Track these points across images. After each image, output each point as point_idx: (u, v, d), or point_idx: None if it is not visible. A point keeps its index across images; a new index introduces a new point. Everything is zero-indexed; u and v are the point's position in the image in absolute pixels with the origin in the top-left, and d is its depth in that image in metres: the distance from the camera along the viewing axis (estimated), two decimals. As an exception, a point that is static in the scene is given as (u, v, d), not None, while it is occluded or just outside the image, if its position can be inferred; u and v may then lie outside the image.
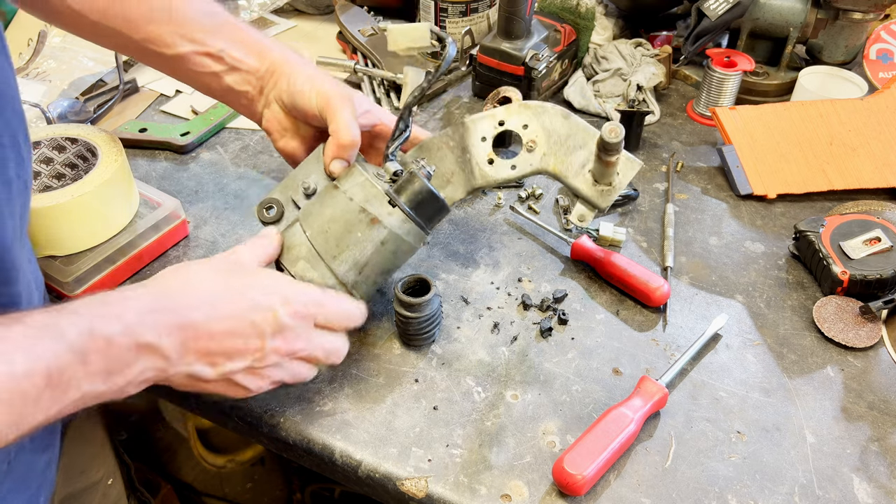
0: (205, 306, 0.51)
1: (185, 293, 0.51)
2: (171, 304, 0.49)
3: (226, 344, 0.51)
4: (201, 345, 0.50)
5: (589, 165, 0.69)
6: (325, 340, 0.58)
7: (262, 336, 0.53)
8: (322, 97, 0.66)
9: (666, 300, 0.73)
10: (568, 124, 0.71)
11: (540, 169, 0.70)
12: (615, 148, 0.62)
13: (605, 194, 0.68)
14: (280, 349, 0.54)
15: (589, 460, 0.57)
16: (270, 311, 0.53)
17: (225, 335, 0.51)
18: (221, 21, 0.69)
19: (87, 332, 0.44)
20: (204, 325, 0.50)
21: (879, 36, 1.06)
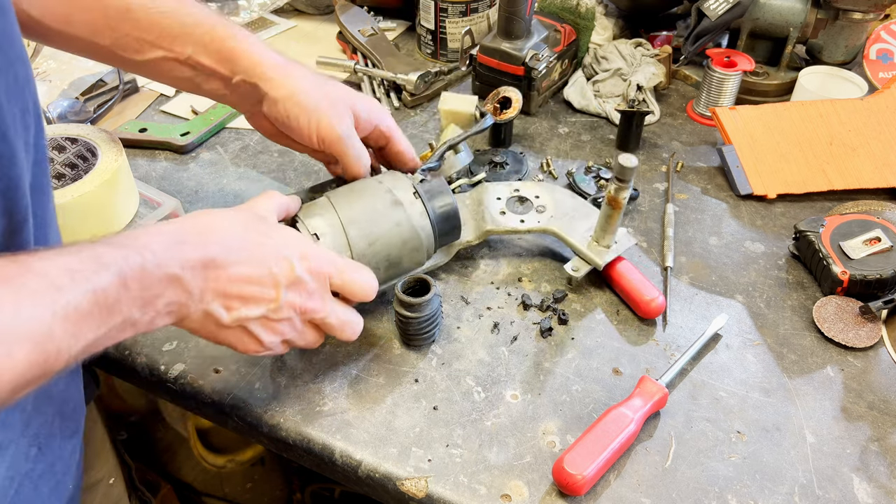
0: (226, 248, 0.51)
1: (209, 233, 0.51)
2: (195, 240, 0.50)
3: (244, 289, 0.51)
4: (221, 285, 0.50)
5: (590, 232, 0.75)
6: (340, 309, 0.58)
7: (277, 286, 0.53)
8: (322, 140, 0.66)
9: (661, 312, 0.72)
10: (574, 201, 0.80)
11: (546, 228, 0.77)
12: (629, 175, 0.67)
13: (602, 254, 0.74)
14: (295, 303, 0.54)
15: (589, 460, 0.57)
16: (288, 261, 0.53)
17: (243, 280, 0.51)
18: (191, 22, 0.65)
19: (122, 259, 0.44)
20: (224, 266, 0.50)
21: (879, 36, 1.06)
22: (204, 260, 0.49)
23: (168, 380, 0.66)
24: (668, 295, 0.75)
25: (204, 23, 0.65)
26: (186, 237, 0.49)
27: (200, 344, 0.68)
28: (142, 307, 0.45)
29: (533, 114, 1.02)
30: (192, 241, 0.50)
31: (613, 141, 0.98)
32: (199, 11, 0.66)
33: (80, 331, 0.41)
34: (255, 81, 0.65)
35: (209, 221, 0.53)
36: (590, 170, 0.90)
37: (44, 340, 0.39)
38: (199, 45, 0.65)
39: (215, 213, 0.54)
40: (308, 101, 0.65)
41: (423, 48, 1.15)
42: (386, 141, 0.72)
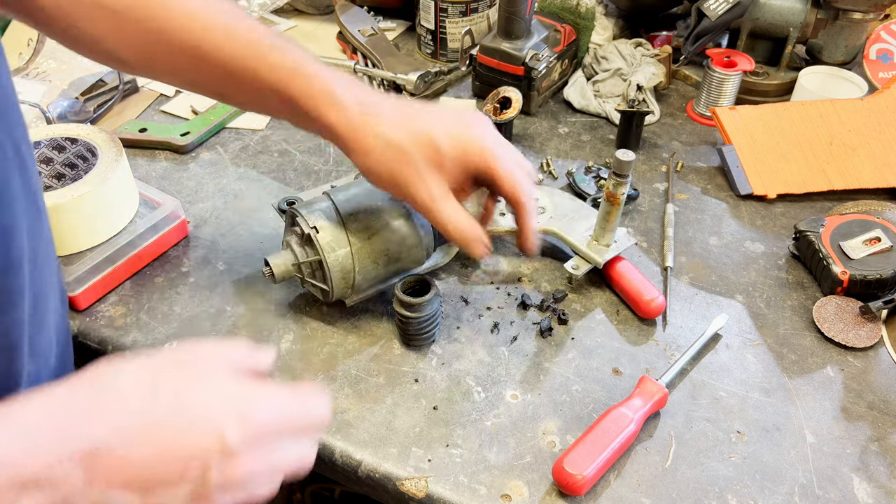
0: (123, 422, 0.38)
1: (100, 402, 0.38)
2: (72, 422, 0.37)
3: (155, 470, 0.38)
4: (116, 473, 0.37)
5: (589, 232, 0.75)
6: (292, 453, 0.44)
7: (203, 462, 0.39)
8: (467, 155, 0.59)
9: (661, 312, 0.72)
10: (574, 203, 0.80)
11: (546, 229, 0.77)
12: (626, 169, 0.67)
13: (601, 253, 0.74)
14: (231, 479, 0.40)
15: (589, 460, 0.57)
16: (216, 431, 0.39)
17: (151, 461, 0.38)
18: (293, 65, 0.59)
19: None
20: (119, 448, 0.37)
21: (879, 36, 1.06)
22: (82, 450, 0.36)
23: (168, 380, 0.66)
24: (668, 295, 0.75)
25: (303, 66, 0.58)
26: (58, 419, 0.37)
27: (200, 344, 0.68)
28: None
29: (533, 114, 1.02)
30: (67, 425, 0.37)
31: (613, 141, 0.98)
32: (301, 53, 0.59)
33: None
34: (337, 133, 0.58)
35: (107, 381, 0.40)
36: (590, 170, 0.90)
37: None
38: (307, 85, 0.58)
39: (121, 367, 0.41)
40: (385, 161, 0.58)
41: (423, 48, 1.15)
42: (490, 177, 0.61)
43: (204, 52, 0.58)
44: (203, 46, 0.58)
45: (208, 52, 0.58)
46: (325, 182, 0.88)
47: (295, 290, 0.74)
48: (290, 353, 0.68)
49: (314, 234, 0.64)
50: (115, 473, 0.37)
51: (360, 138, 0.57)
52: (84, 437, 0.37)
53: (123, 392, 0.39)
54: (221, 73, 0.59)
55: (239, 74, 0.58)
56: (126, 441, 0.38)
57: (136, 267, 0.75)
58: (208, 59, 0.58)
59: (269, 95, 0.59)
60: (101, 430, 0.37)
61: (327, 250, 0.64)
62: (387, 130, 0.57)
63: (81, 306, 0.71)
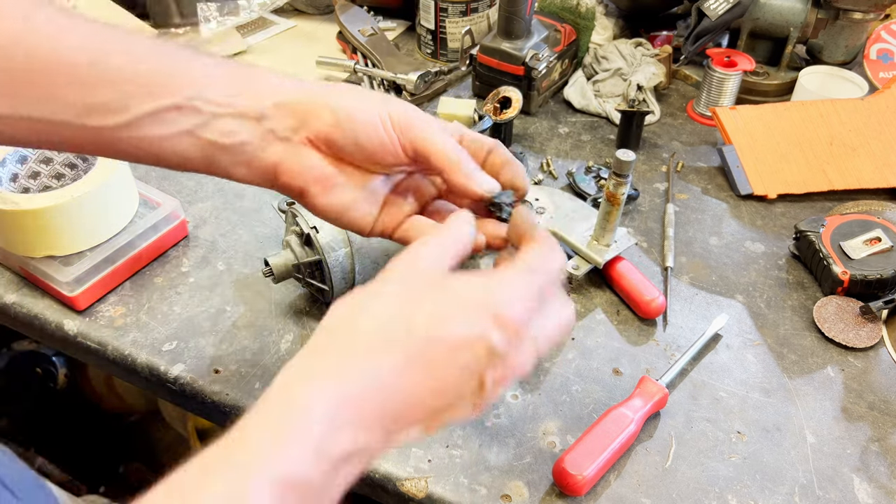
0: (396, 376, 0.38)
1: (368, 363, 0.38)
2: (356, 390, 0.37)
3: (434, 405, 0.39)
4: (405, 419, 0.39)
5: (590, 233, 0.75)
6: (554, 321, 0.43)
7: (477, 374, 0.39)
8: (413, 141, 0.48)
9: (661, 313, 0.72)
10: (574, 203, 0.80)
11: (546, 228, 0.76)
12: (626, 169, 0.67)
13: (602, 253, 0.74)
14: (505, 375, 0.40)
15: (589, 461, 0.57)
16: (482, 342, 0.39)
17: (430, 398, 0.39)
18: (186, 57, 0.49)
19: (284, 488, 0.34)
20: (403, 403, 0.38)
21: (880, 36, 1.05)
22: (375, 413, 0.37)
23: (168, 380, 0.66)
24: (669, 295, 0.75)
25: (203, 58, 0.49)
26: (344, 390, 0.37)
27: (200, 344, 0.68)
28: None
29: (533, 114, 1.02)
30: (353, 393, 0.37)
31: (614, 141, 0.98)
32: (194, 51, 0.50)
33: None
34: (293, 98, 0.49)
35: (361, 335, 0.39)
36: (590, 170, 0.90)
37: None
38: (205, 78, 0.48)
39: (365, 316, 0.39)
40: (376, 99, 0.49)
41: (423, 48, 1.14)
42: (459, 136, 0.52)
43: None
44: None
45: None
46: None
47: (295, 290, 0.74)
48: (290, 354, 0.68)
49: (314, 234, 0.64)
50: (402, 422, 0.39)
51: (343, 90, 0.50)
52: (367, 403, 0.37)
53: (382, 338, 0.39)
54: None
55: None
56: (405, 390, 0.38)
57: (136, 267, 0.75)
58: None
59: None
60: (381, 390, 0.37)
61: (327, 250, 0.64)
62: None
63: (81, 306, 0.71)
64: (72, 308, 0.71)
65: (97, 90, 0.46)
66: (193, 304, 0.72)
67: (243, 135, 0.48)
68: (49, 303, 0.72)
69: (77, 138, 0.48)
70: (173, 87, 0.47)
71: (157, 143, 0.48)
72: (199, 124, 0.48)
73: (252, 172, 0.50)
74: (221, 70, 0.49)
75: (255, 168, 0.49)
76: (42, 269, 0.70)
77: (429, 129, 0.48)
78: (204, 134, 0.48)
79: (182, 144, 0.48)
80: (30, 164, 0.76)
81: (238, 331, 0.70)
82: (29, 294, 0.73)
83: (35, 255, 0.71)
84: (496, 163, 0.51)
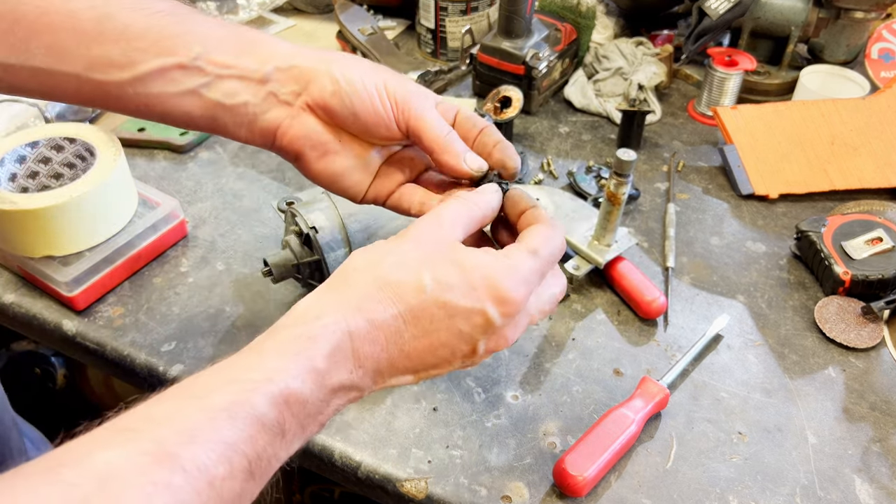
0: (398, 326, 0.42)
1: (375, 310, 0.41)
2: (363, 333, 0.41)
3: (426, 359, 0.43)
4: (397, 367, 0.43)
5: (591, 233, 0.75)
6: (548, 295, 0.47)
7: (470, 341, 0.43)
8: (407, 117, 0.49)
9: (662, 313, 0.72)
10: (574, 203, 0.80)
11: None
12: (627, 169, 0.67)
13: (602, 253, 0.74)
14: (497, 345, 0.45)
15: (590, 461, 0.57)
16: (480, 315, 0.42)
17: (424, 352, 0.43)
18: (195, 19, 0.51)
19: (282, 401, 0.37)
20: (398, 352, 0.42)
21: (881, 35, 1.05)
22: (373, 356, 0.41)
23: (167, 380, 0.66)
24: (670, 295, 0.75)
25: (210, 20, 0.51)
26: (349, 329, 0.40)
27: (200, 344, 0.68)
28: (300, 437, 0.40)
29: (533, 113, 1.02)
30: (358, 332, 0.41)
31: (614, 140, 0.97)
32: (200, 12, 0.52)
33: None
34: (294, 63, 0.50)
35: (375, 284, 0.42)
36: (590, 169, 0.90)
37: None
38: (212, 38, 0.49)
39: (384, 265, 0.42)
40: (377, 72, 0.50)
41: (423, 47, 1.14)
42: (454, 112, 0.52)
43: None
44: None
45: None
46: (325, 182, 0.88)
47: (295, 290, 0.74)
48: (289, 354, 0.68)
49: (313, 234, 0.64)
50: (394, 369, 0.43)
51: (342, 58, 0.50)
52: (367, 345, 0.41)
53: (392, 292, 0.42)
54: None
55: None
56: (403, 341, 0.42)
57: (135, 267, 0.75)
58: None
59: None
60: (380, 337, 0.41)
61: (326, 250, 0.64)
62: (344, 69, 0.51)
63: (80, 307, 0.70)
64: (71, 308, 0.71)
65: (103, 45, 0.48)
66: (192, 305, 0.72)
67: (246, 96, 0.50)
68: (48, 303, 0.72)
69: (84, 91, 0.50)
70: (178, 47, 0.48)
71: (162, 101, 0.50)
72: (203, 84, 0.49)
73: (253, 134, 0.51)
74: (226, 32, 0.50)
75: (256, 129, 0.51)
76: (41, 269, 0.70)
77: (422, 107, 0.49)
78: (208, 94, 0.49)
79: (186, 103, 0.50)
80: (28, 163, 0.76)
81: (237, 331, 0.70)
82: (28, 294, 0.72)
83: (34, 255, 0.70)
84: (487, 142, 0.51)
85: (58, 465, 0.32)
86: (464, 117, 0.52)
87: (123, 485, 0.31)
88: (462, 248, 0.44)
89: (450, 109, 0.52)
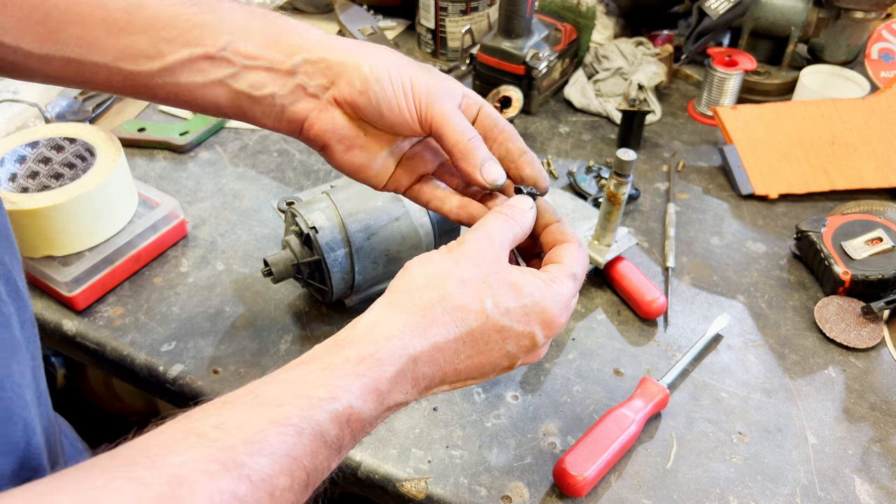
0: (457, 348, 0.43)
1: (439, 333, 0.43)
2: (426, 356, 0.42)
3: (472, 374, 0.45)
4: (445, 381, 0.45)
5: (591, 233, 0.76)
6: (571, 310, 0.50)
7: (513, 358, 0.46)
8: (428, 113, 0.49)
9: (662, 313, 0.72)
10: (575, 203, 0.81)
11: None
12: (627, 169, 0.67)
13: (602, 253, 0.74)
14: (533, 360, 0.49)
15: (590, 461, 0.57)
16: (529, 337, 0.45)
17: (472, 369, 0.45)
18: (223, 8, 0.51)
19: (344, 419, 0.39)
20: (452, 370, 0.44)
21: (881, 35, 1.05)
22: (427, 378, 0.43)
23: (167, 380, 0.66)
24: (670, 295, 0.75)
25: (238, 9, 0.51)
26: (412, 353, 0.42)
27: (200, 344, 0.68)
28: (350, 447, 0.42)
29: (533, 113, 1.02)
30: (417, 355, 0.42)
31: (614, 140, 0.97)
32: (225, 1, 0.51)
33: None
34: (322, 56, 0.49)
35: (435, 307, 0.43)
36: (591, 169, 0.90)
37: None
38: (239, 29, 0.49)
39: (443, 288, 0.43)
40: (405, 68, 0.49)
41: (423, 47, 1.14)
42: (477, 108, 0.53)
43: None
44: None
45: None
46: (325, 182, 0.88)
47: (295, 290, 0.74)
48: (289, 354, 0.68)
49: (313, 234, 0.64)
50: (441, 383, 0.45)
51: (370, 51, 0.50)
52: (424, 368, 0.42)
53: (457, 316, 0.43)
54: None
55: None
56: (456, 362, 0.44)
57: (135, 267, 0.75)
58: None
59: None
60: (437, 359, 0.43)
61: (326, 250, 0.64)
62: (392, 49, 0.52)
63: (80, 307, 0.70)
64: (70, 308, 0.71)
65: (132, 35, 0.49)
66: (192, 305, 0.72)
67: (273, 87, 0.50)
68: (48, 303, 0.72)
69: (114, 80, 0.51)
70: (205, 37, 0.49)
71: (190, 90, 0.50)
72: (230, 75, 0.50)
73: (280, 123, 0.52)
74: (254, 21, 0.50)
75: (283, 120, 0.52)
76: (41, 269, 0.69)
77: (445, 108, 0.49)
78: (235, 84, 0.50)
79: (214, 93, 0.50)
80: (28, 163, 0.76)
81: (237, 331, 0.70)
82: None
83: (34, 255, 0.70)
84: (512, 150, 0.52)
85: (132, 463, 0.33)
86: (486, 114, 0.53)
87: (193, 489, 0.32)
88: (514, 269, 0.46)
89: (473, 105, 0.52)
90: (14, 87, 0.98)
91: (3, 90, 0.97)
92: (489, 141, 0.52)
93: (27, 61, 0.50)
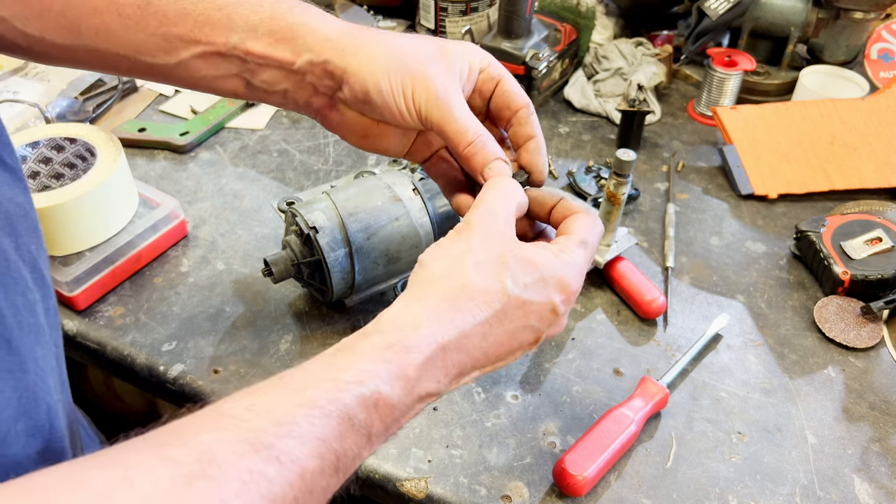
0: (484, 331, 0.44)
1: (465, 320, 0.43)
2: (454, 343, 0.43)
3: (500, 353, 0.46)
4: (476, 366, 0.45)
5: None
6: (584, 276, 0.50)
7: (537, 332, 0.46)
8: (420, 108, 0.50)
9: (662, 313, 0.72)
10: None
11: None
12: (627, 169, 0.67)
13: (602, 253, 0.74)
14: (555, 331, 0.48)
15: (589, 461, 0.57)
16: (549, 307, 0.46)
17: (500, 348, 0.45)
18: (232, 2, 0.51)
19: (371, 404, 0.39)
20: (482, 354, 0.44)
21: (880, 35, 1.05)
22: (460, 365, 0.43)
23: (167, 380, 0.66)
24: (669, 295, 0.75)
25: (247, 2, 0.51)
26: (443, 341, 0.42)
27: (200, 344, 0.68)
28: (382, 438, 0.42)
29: (533, 113, 1.02)
30: (451, 345, 0.42)
31: (614, 140, 0.97)
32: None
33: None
34: (326, 58, 0.50)
35: (461, 300, 0.43)
36: (590, 169, 0.90)
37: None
38: (247, 27, 0.50)
39: (465, 281, 0.43)
40: (401, 66, 0.49)
41: (423, 47, 1.14)
42: (495, 83, 0.54)
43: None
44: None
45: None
46: (325, 182, 0.88)
47: (295, 290, 0.74)
48: (289, 354, 0.68)
49: (313, 234, 0.64)
50: (472, 369, 0.45)
51: (369, 48, 0.50)
52: (460, 355, 0.43)
53: (481, 300, 0.43)
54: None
55: None
56: (485, 346, 0.44)
57: (135, 267, 0.75)
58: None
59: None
60: (468, 346, 0.43)
61: (327, 250, 0.64)
62: (397, 37, 0.52)
63: (80, 307, 0.70)
64: (71, 308, 0.71)
65: (146, 31, 0.51)
66: (193, 305, 0.72)
67: (286, 84, 0.52)
68: (48, 303, 0.72)
69: (137, 70, 0.53)
70: (216, 34, 0.51)
71: (208, 81, 0.53)
72: (245, 70, 0.52)
73: (298, 110, 0.55)
74: (262, 17, 0.51)
75: (301, 109, 0.55)
76: (41, 269, 0.70)
77: (446, 113, 0.49)
78: (250, 79, 0.52)
79: (231, 84, 0.53)
80: (29, 163, 0.76)
81: (237, 331, 0.70)
82: (28, 294, 0.72)
83: (34, 255, 0.70)
84: (520, 133, 0.53)
85: (164, 444, 0.33)
86: (501, 91, 0.53)
87: (223, 468, 0.32)
88: (525, 245, 0.46)
89: (490, 80, 0.53)
90: (14, 88, 0.98)
91: (4, 90, 0.97)
92: (501, 120, 0.54)
93: (52, 50, 0.53)
